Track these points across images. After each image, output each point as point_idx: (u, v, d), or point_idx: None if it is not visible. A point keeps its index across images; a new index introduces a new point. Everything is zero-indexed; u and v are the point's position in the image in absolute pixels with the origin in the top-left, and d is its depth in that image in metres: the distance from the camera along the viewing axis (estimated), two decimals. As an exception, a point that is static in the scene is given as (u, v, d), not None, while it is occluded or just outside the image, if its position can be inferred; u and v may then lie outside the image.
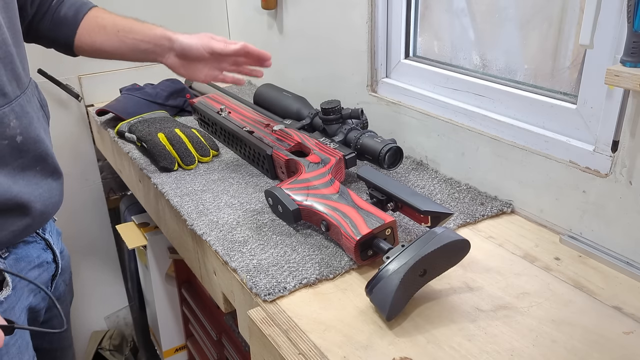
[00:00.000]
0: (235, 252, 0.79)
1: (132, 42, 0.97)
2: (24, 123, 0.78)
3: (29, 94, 0.82)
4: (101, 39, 0.97)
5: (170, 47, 0.97)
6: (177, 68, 0.99)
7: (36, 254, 0.87)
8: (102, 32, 0.96)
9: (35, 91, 0.87)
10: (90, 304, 1.70)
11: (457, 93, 0.99)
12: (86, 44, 0.97)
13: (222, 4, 1.62)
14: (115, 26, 0.97)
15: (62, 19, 0.96)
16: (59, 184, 0.88)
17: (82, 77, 1.46)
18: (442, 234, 0.66)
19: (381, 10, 1.08)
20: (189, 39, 0.96)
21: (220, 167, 1.07)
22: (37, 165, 0.82)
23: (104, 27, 0.96)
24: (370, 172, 0.84)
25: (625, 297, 0.69)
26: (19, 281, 0.82)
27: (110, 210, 1.64)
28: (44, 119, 0.88)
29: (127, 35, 0.97)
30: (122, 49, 0.98)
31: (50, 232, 0.92)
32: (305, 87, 1.33)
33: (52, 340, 1.02)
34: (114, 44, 0.97)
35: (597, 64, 0.75)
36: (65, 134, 1.48)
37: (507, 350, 0.60)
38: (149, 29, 0.98)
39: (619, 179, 0.73)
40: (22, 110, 0.78)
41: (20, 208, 0.78)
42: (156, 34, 0.97)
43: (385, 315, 0.64)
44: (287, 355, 0.62)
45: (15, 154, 0.77)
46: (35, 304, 0.88)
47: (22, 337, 0.83)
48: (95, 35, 0.96)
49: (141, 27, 0.98)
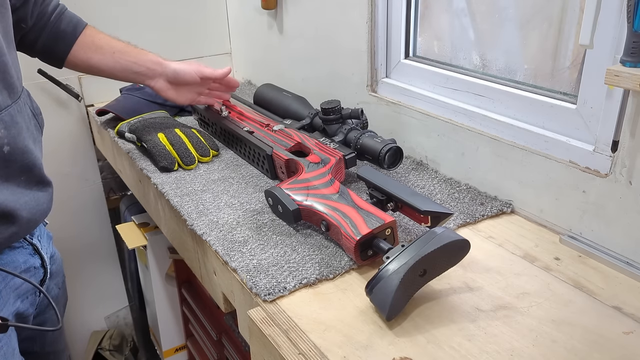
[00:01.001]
0: (235, 252, 0.79)
1: (127, 64, 1.04)
2: (12, 133, 0.77)
3: (21, 104, 0.81)
4: (97, 58, 1.03)
5: (162, 72, 1.06)
6: (164, 91, 1.08)
7: (23, 259, 0.86)
8: (98, 51, 1.03)
9: (27, 100, 0.86)
10: (90, 304, 1.70)
11: (457, 93, 0.99)
12: (80, 60, 1.03)
13: (222, 4, 1.62)
14: (112, 47, 1.04)
15: (61, 34, 1.00)
16: (46, 194, 0.86)
17: (82, 77, 1.46)
18: (442, 234, 0.66)
19: (381, 10, 1.08)
20: (181, 65, 1.07)
21: (220, 167, 1.07)
22: (22, 176, 0.81)
23: (101, 47, 1.03)
24: (370, 172, 0.84)
25: (625, 297, 0.69)
26: (4, 286, 0.81)
27: (110, 210, 1.64)
28: (36, 128, 0.87)
29: (122, 57, 1.04)
30: (115, 69, 1.05)
31: (39, 237, 0.91)
32: (305, 87, 1.33)
33: (45, 344, 1.01)
34: (109, 63, 1.04)
35: (597, 64, 0.74)
36: (65, 134, 1.48)
37: (507, 350, 0.60)
38: (144, 54, 1.06)
39: (619, 179, 0.73)
40: (12, 120, 0.77)
41: (6, 216, 0.77)
42: (150, 59, 1.06)
43: (385, 315, 0.64)
44: (287, 355, 0.62)
45: (0, 163, 0.76)
46: (23, 310, 0.86)
47: (8, 343, 0.81)
48: (91, 54, 1.02)
49: (135, 51, 1.06)
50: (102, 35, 1.05)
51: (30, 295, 0.89)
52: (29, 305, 0.89)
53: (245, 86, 1.61)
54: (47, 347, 1.02)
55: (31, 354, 0.96)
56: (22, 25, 0.94)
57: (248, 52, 1.62)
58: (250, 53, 1.61)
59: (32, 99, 0.89)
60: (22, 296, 0.86)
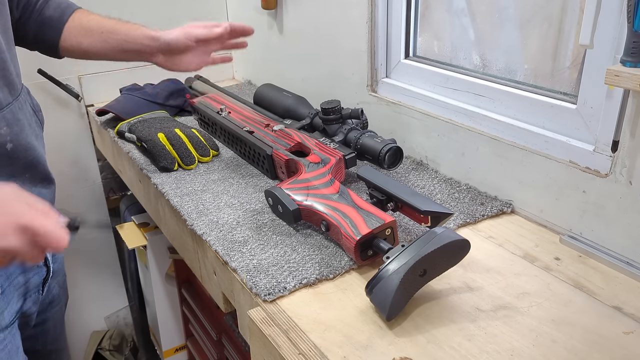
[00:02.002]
0: (235, 252, 0.79)
1: (116, 43, 0.97)
2: (15, 130, 0.77)
3: (21, 101, 0.81)
4: (87, 41, 0.97)
5: (157, 46, 0.97)
6: (166, 65, 1.00)
7: None
8: (88, 34, 0.97)
9: (27, 97, 0.86)
10: (90, 304, 1.70)
11: (457, 93, 0.99)
12: (72, 46, 0.97)
13: (222, 4, 1.63)
14: (100, 27, 0.97)
15: (47, 20, 0.95)
16: (49, 191, 0.86)
17: (82, 77, 1.46)
18: (442, 234, 0.66)
19: (381, 10, 1.08)
20: (172, 34, 0.97)
21: (220, 167, 1.07)
22: (27, 173, 0.81)
23: (90, 29, 0.97)
24: (370, 172, 0.84)
25: (625, 297, 0.69)
26: (9, 285, 0.82)
27: (110, 210, 1.64)
28: (37, 124, 0.87)
29: (110, 36, 0.97)
30: (106, 49, 0.98)
31: None
32: (305, 87, 1.33)
33: (46, 342, 1.01)
34: (98, 44, 0.97)
35: (597, 64, 0.74)
36: (65, 134, 1.48)
37: (507, 350, 0.60)
38: (133, 29, 0.98)
39: (619, 179, 0.73)
40: (14, 118, 0.78)
41: None
42: (139, 34, 0.97)
43: (385, 315, 0.64)
44: (287, 355, 0.62)
45: (4, 161, 0.77)
46: (26, 309, 0.87)
47: (12, 341, 0.82)
48: (81, 37, 0.97)
49: (125, 27, 0.98)
50: (92, 16, 0.99)
51: (33, 294, 0.89)
52: (32, 304, 0.89)
53: (245, 86, 1.61)
54: (49, 346, 1.02)
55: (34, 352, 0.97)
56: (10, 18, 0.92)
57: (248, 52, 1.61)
58: (250, 53, 1.61)
59: (32, 96, 0.89)
60: (25, 295, 0.86)
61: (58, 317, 1.03)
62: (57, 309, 1.02)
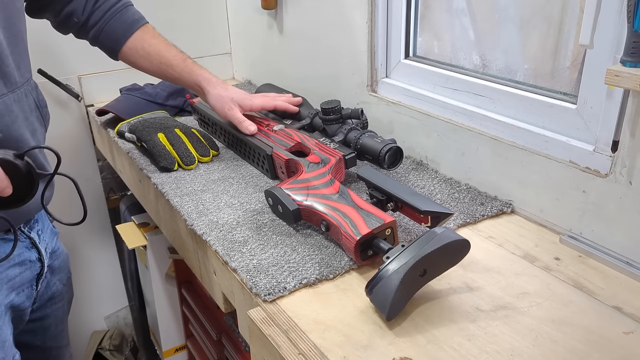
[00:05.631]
0: (235, 252, 0.79)
1: (171, 77, 1.09)
2: (6, 121, 0.78)
3: (20, 94, 0.81)
4: (144, 65, 1.09)
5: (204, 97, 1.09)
6: None
7: (16, 252, 0.85)
8: (146, 58, 1.08)
9: (33, 91, 0.86)
10: (90, 304, 1.70)
11: (457, 93, 0.99)
12: (129, 62, 1.10)
13: (222, 4, 1.62)
14: (159, 57, 1.07)
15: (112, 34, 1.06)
16: None
17: (82, 77, 1.46)
18: (442, 234, 0.65)
19: (381, 10, 1.08)
20: (214, 102, 1.07)
21: (220, 167, 1.07)
22: None
23: (149, 55, 1.07)
24: (370, 172, 0.84)
25: (625, 297, 0.69)
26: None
27: (110, 210, 1.64)
28: (38, 120, 0.86)
29: (166, 70, 1.08)
30: (160, 76, 1.11)
31: (39, 231, 0.91)
32: (305, 87, 1.33)
33: (46, 338, 1.01)
34: (155, 71, 1.09)
35: (597, 64, 0.74)
36: (65, 134, 1.48)
37: (507, 350, 0.60)
38: (187, 72, 1.08)
39: (619, 179, 0.73)
40: (6, 109, 0.78)
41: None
42: (191, 80, 1.08)
43: (385, 315, 0.64)
44: (287, 355, 0.62)
45: None
46: (18, 303, 0.87)
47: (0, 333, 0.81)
48: (139, 59, 1.08)
49: (181, 65, 1.08)
50: (154, 41, 1.08)
51: (26, 289, 0.89)
52: (25, 299, 0.89)
53: (245, 86, 1.61)
54: (49, 342, 1.02)
55: (33, 348, 0.96)
56: (75, 20, 1.03)
57: (248, 52, 1.62)
58: (250, 53, 1.61)
59: (39, 92, 0.90)
60: (16, 289, 0.86)
61: (60, 314, 1.03)
62: (59, 306, 1.02)
